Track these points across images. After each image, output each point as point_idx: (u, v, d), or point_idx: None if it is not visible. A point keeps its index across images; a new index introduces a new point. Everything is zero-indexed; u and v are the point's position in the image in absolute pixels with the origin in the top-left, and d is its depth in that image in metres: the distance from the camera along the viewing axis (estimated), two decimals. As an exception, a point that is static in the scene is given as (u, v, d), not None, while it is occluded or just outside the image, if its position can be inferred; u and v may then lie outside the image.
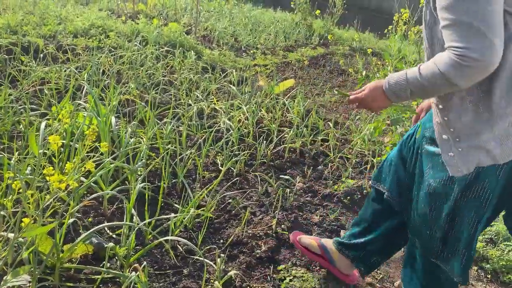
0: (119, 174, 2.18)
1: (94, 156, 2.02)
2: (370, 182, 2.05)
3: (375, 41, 8.74)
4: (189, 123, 2.97)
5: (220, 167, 2.51)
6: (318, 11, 8.37)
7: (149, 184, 2.12)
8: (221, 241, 1.97)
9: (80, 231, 1.75)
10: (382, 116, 2.89)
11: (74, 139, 2.01)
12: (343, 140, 3.30)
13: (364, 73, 2.83)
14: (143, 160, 2.17)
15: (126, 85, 3.40)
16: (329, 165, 2.86)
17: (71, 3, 6.06)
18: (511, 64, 1.18)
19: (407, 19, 3.16)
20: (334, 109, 4.25)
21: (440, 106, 1.31)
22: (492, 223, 2.27)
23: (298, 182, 2.54)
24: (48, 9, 5.33)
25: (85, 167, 1.36)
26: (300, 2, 8.47)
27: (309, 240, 1.86)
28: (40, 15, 4.98)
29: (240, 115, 3.14)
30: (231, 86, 3.65)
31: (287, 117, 3.42)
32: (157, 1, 7.45)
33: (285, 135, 2.96)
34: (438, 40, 1.25)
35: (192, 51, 4.65)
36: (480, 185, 1.30)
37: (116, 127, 2.30)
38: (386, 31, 4.50)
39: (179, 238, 1.68)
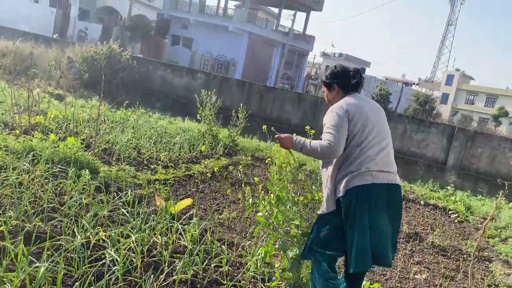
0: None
1: None
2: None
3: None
4: (71, 256, 2.78)
5: (99, 311, 2.32)
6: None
7: None
8: None
9: None
10: (271, 241, 2.99)
11: None
12: (237, 264, 3.30)
13: (250, 200, 2.96)
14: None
15: (5, 213, 3.14)
16: (221, 294, 2.80)
17: (-43, 117, 5.69)
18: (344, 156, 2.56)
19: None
20: (232, 226, 4.30)
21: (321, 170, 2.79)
22: None
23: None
24: None
25: None
26: (206, 114, 8.91)
27: None
28: None
29: (130, 244, 3.03)
30: (124, 210, 3.55)
31: (181, 241, 3.36)
32: (57, 113, 7.32)
33: (177, 265, 2.88)
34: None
35: (87, 170, 4.53)
36: None
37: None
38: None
39: None
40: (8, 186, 3.68)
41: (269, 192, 2.93)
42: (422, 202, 7.46)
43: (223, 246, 3.21)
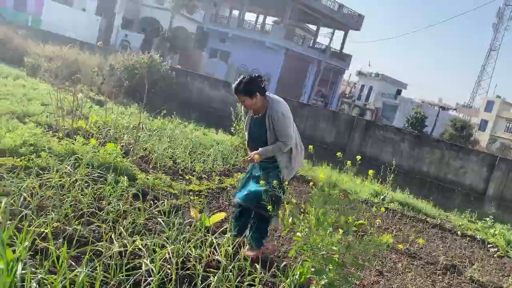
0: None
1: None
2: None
3: (308, 168, 9.23)
4: (108, 262, 2.80)
5: (134, 321, 2.32)
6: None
7: None
8: None
9: None
10: (307, 264, 2.92)
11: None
12: (270, 284, 3.24)
13: (290, 219, 2.91)
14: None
15: (48, 215, 3.22)
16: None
17: (6, 117, 5.94)
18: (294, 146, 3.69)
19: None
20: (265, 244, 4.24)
21: (279, 157, 3.65)
22: None
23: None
24: (-21, 122, 5.18)
25: None
26: (240, 128, 8.95)
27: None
28: (-31, 129, 4.81)
29: (165, 254, 3.03)
30: (160, 219, 3.58)
31: (215, 256, 3.34)
32: (98, 118, 7.53)
33: (211, 281, 2.85)
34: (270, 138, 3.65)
35: (125, 176, 4.61)
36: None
37: (22, 275, 2.10)
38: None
39: None
40: (50, 187, 3.79)
41: (309, 213, 2.87)
42: (459, 232, 7.16)
43: (256, 265, 3.16)
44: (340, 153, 3.68)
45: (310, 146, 3.44)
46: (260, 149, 3.62)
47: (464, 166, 10.38)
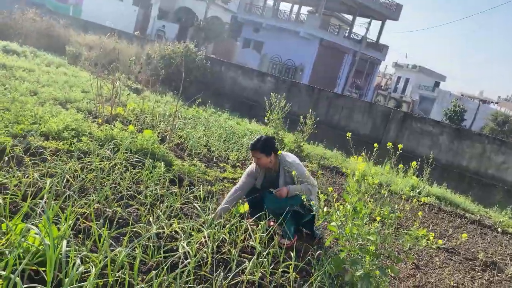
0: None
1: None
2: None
3: (342, 159, 9.11)
4: (146, 243, 2.87)
5: (171, 301, 2.37)
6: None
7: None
8: None
9: None
10: (342, 254, 2.89)
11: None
12: (304, 272, 3.23)
13: (325, 209, 2.88)
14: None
15: (89, 196, 3.34)
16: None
17: (50, 103, 6.17)
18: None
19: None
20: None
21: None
22: None
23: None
24: (25, 107, 5.40)
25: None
26: (273, 117, 8.93)
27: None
28: (16, 113, 5.01)
29: (201, 238, 3.08)
30: (196, 204, 3.63)
31: (249, 241, 3.36)
32: (135, 106, 7.70)
33: (245, 266, 2.87)
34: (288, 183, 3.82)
35: (162, 162, 4.70)
36: None
37: (66, 252, 2.19)
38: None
39: None
40: (91, 171, 3.91)
41: (345, 202, 2.83)
42: (499, 229, 6.89)
43: (291, 252, 3.16)
44: (376, 144, 3.60)
45: (348, 133, 3.36)
46: (289, 186, 3.72)
47: (507, 162, 9.95)
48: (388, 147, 3.02)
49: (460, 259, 4.85)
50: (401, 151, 3.19)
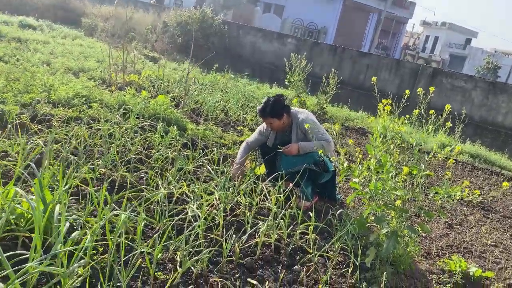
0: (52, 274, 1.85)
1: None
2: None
3: (368, 120, 8.71)
4: (154, 208, 2.69)
5: (178, 267, 2.18)
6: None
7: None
8: None
9: None
10: (366, 212, 2.62)
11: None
12: (325, 234, 3.00)
13: (346, 164, 2.61)
14: (84, 259, 1.86)
15: (96, 161, 3.17)
16: (307, 264, 2.53)
17: (61, 72, 6.02)
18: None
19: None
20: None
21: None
22: None
23: None
24: (35, 76, 5.26)
25: None
26: (294, 79, 8.56)
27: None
28: (26, 83, 4.88)
29: (213, 201, 2.87)
30: (209, 167, 3.42)
31: (265, 203, 3.14)
32: (151, 73, 7.49)
33: (260, 227, 2.65)
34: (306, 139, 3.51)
35: (175, 126, 4.49)
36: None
37: (58, 217, 2.01)
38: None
39: None
40: (99, 136, 3.74)
41: (369, 156, 2.54)
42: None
43: (310, 213, 2.92)
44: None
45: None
46: (300, 142, 3.46)
47: (547, 115, 9.29)
48: (417, 104, 2.67)
49: (498, 217, 4.51)
50: (430, 109, 2.84)
